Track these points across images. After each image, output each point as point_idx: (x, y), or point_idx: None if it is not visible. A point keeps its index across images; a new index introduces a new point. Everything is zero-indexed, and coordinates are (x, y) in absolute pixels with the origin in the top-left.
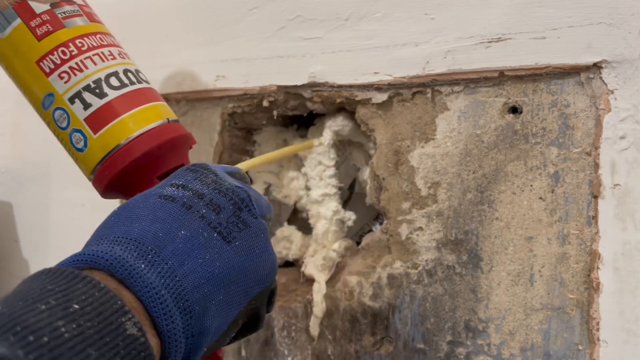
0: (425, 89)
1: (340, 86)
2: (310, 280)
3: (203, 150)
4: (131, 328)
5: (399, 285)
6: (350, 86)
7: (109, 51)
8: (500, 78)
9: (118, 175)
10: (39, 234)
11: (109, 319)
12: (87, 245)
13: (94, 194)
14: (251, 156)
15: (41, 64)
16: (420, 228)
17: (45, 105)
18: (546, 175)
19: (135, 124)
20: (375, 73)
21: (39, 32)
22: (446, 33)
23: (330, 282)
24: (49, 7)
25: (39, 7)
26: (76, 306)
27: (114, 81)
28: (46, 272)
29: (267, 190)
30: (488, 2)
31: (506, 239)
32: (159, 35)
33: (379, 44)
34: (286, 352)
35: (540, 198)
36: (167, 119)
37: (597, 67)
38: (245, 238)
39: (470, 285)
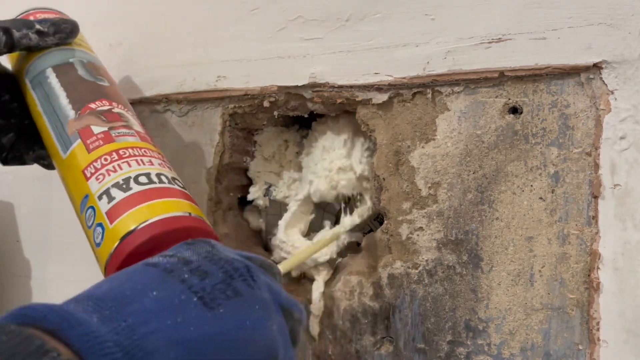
0: (425, 90)
1: (340, 86)
2: (310, 280)
3: (204, 151)
4: None
5: (399, 285)
6: (351, 87)
7: (149, 160)
8: (500, 78)
9: (124, 263)
10: (40, 234)
11: (26, 359)
12: None
13: None
14: (251, 157)
15: (85, 171)
16: (421, 228)
17: (82, 208)
18: (546, 175)
19: (151, 212)
20: (376, 73)
21: (91, 147)
22: (446, 34)
23: (331, 282)
24: (107, 129)
25: (97, 129)
26: None
27: (142, 179)
28: None
29: (268, 191)
30: (488, 3)
31: (506, 239)
32: (159, 36)
33: (379, 45)
34: None
35: (541, 198)
36: (189, 212)
37: (597, 67)
38: (233, 307)
39: (470, 285)
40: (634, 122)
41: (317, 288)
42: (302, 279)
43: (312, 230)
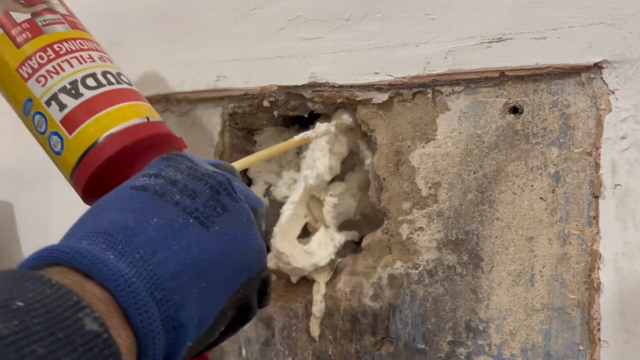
0: (425, 89)
1: (341, 86)
2: (310, 281)
3: (204, 151)
4: (90, 324)
5: (399, 285)
6: (351, 86)
7: (89, 55)
8: (500, 78)
9: (94, 175)
10: (39, 234)
11: (62, 315)
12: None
13: None
14: None
15: (20, 70)
16: (421, 228)
17: (26, 111)
18: (547, 175)
19: (111, 121)
20: (376, 73)
21: (18, 40)
22: (447, 33)
23: (331, 282)
24: (30, 17)
25: (19, 17)
26: (20, 304)
27: (90, 82)
28: None
29: (268, 191)
30: (488, 3)
31: (507, 239)
32: (159, 35)
33: (379, 44)
34: (287, 352)
35: (541, 198)
36: (147, 117)
37: (597, 67)
38: (225, 222)
39: (470, 286)
40: (634, 122)
41: (319, 290)
42: (301, 279)
43: (304, 234)
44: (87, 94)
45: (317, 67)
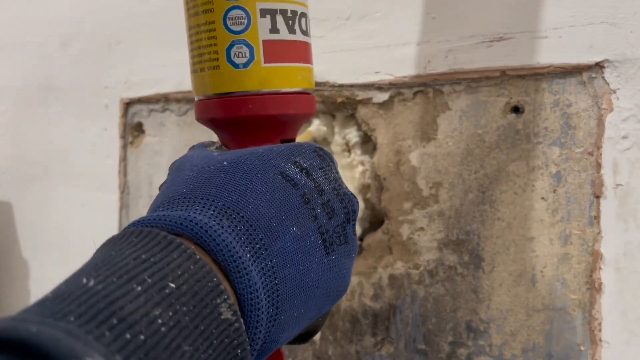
0: (426, 89)
1: (341, 85)
2: None
3: None
4: (226, 311)
5: (400, 285)
6: (351, 85)
7: None
8: (501, 77)
9: (267, 118)
10: (38, 234)
11: (204, 301)
12: (173, 199)
13: (94, 194)
14: None
15: None
16: (422, 228)
17: None
18: (548, 175)
19: (303, 80)
20: (377, 72)
21: None
22: (447, 32)
23: None
24: None
25: None
26: (172, 285)
27: (303, 24)
28: (137, 234)
29: None
30: (490, 2)
31: (508, 239)
32: (159, 35)
33: (380, 44)
34: (287, 353)
35: (542, 198)
36: (313, 89)
37: (599, 66)
38: (340, 253)
39: (471, 286)
40: (636, 122)
41: None
42: None
43: None
44: (298, 36)
45: (317, 67)
